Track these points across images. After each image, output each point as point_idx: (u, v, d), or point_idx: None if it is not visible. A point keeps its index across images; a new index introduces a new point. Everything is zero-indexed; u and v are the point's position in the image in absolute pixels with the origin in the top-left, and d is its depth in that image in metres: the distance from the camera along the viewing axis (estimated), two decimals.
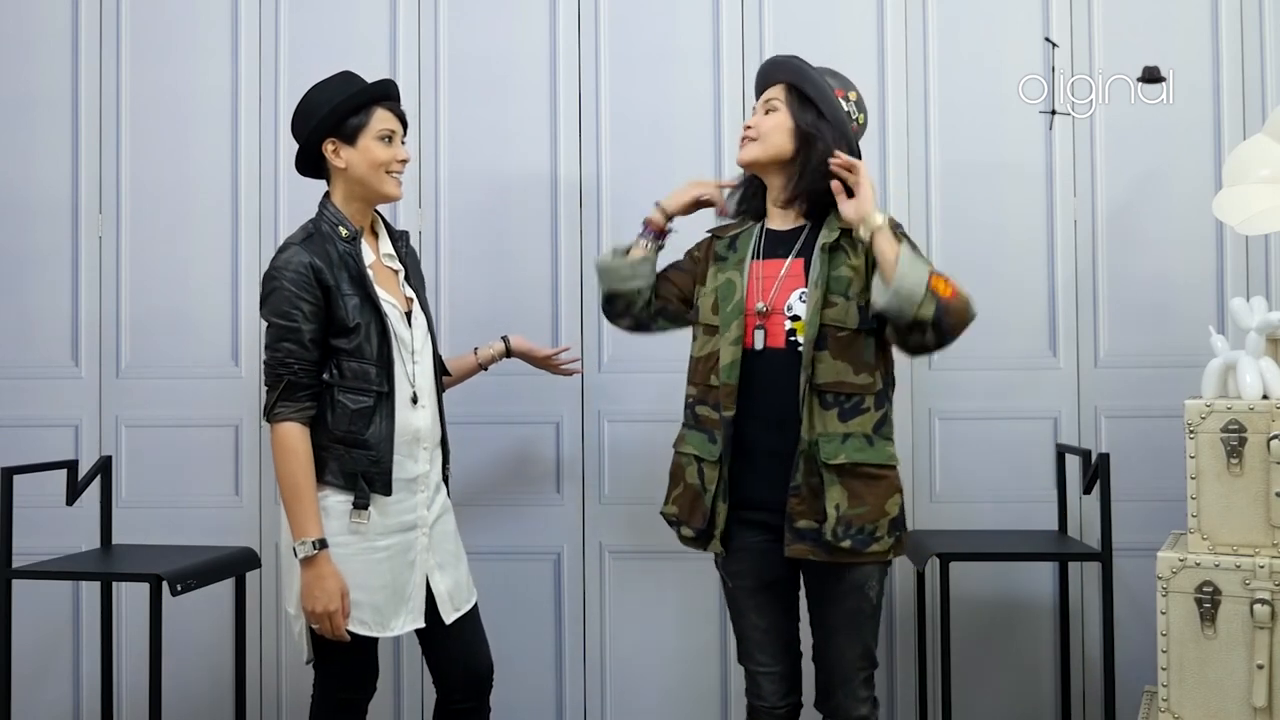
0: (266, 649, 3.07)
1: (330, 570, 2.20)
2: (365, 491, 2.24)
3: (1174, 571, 2.36)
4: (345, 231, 2.29)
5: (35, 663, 3.07)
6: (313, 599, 2.19)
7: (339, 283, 2.24)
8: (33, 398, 3.12)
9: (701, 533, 2.27)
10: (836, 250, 2.22)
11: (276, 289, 2.23)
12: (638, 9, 3.07)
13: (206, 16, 3.13)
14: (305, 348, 2.22)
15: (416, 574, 2.32)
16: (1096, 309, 2.98)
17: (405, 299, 2.37)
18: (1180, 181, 2.96)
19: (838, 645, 2.24)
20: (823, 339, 2.18)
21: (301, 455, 2.21)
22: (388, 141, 2.32)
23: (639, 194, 3.04)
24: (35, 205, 3.14)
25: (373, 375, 2.25)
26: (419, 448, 2.33)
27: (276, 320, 2.23)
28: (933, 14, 3.02)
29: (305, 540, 2.19)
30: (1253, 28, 2.96)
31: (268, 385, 2.25)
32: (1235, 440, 2.33)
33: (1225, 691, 2.30)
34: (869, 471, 2.18)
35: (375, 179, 2.32)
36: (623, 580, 3.05)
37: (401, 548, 2.30)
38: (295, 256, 2.24)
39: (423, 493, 2.34)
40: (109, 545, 2.86)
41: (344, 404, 2.23)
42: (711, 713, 3.04)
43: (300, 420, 2.22)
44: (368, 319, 2.25)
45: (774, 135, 2.27)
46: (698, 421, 2.30)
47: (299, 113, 2.35)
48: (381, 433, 2.25)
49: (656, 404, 2.97)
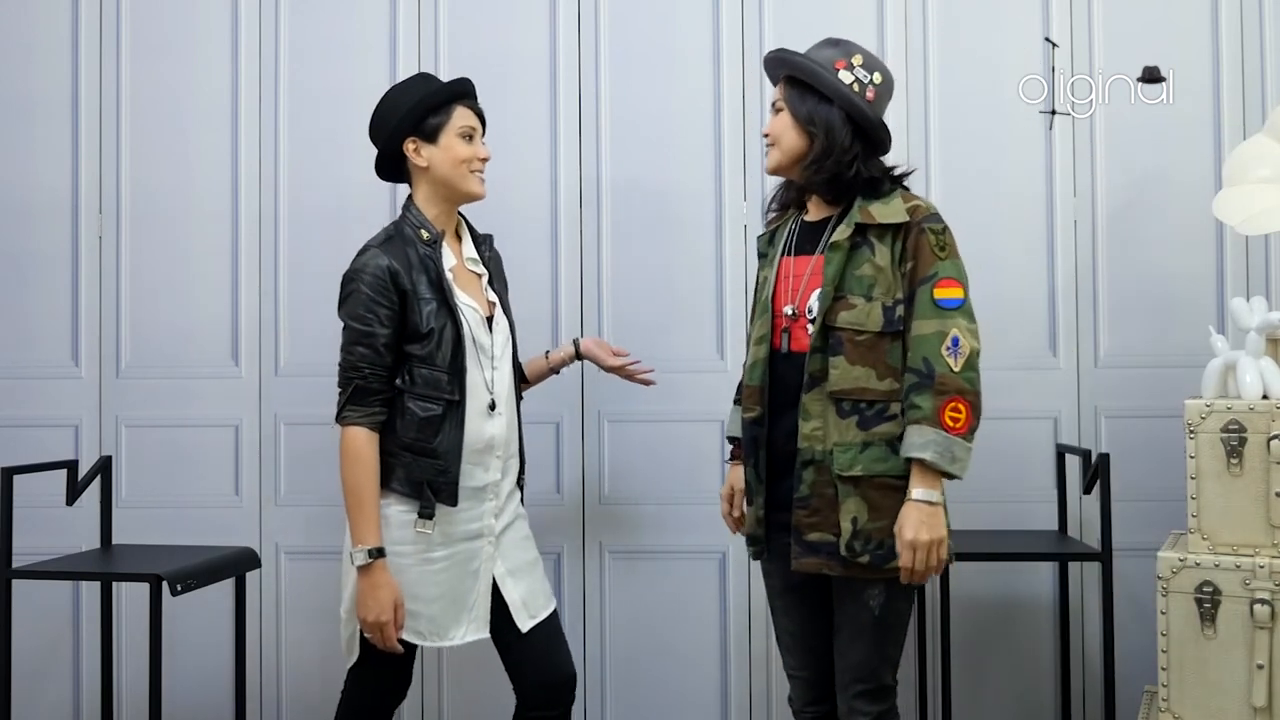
0: (266, 649, 3.08)
1: (385, 580, 2.17)
2: (431, 501, 2.21)
3: (1174, 571, 2.35)
4: (427, 234, 2.27)
5: (35, 663, 3.07)
6: (365, 608, 2.17)
7: (416, 286, 2.22)
8: (33, 398, 3.12)
9: (749, 536, 2.26)
10: (857, 247, 2.12)
11: (354, 292, 2.21)
12: (638, 9, 3.07)
13: (206, 17, 3.13)
14: (379, 352, 2.20)
15: (481, 583, 2.28)
16: (1096, 309, 2.98)
17: (488, 303, 2.34)
18: (1180, 181, 2.96)
19: (839, 648, 2.18)
20: (837, 343, 2.10)
21: (367, 461, 2.19)
22: (469, 139, 2.30)
23: (639, 194, 3.06)
24: (35, 205, 3.14)
25: (444, 383, 2.22)
26: (491, 456, 2.29)
27: (352, 323, 2.21)
28: (933, 14, 3.02)
29: (362, 548, 2.17)
30: (1253, 28, 2.96)
31: (339, 387, 2.23)
32: (1235, 440, 2.33)
33: (1225, 691, 2.30)
34: (888, 482, 2.09)
35: (457, 177, 2.29)
36: (623, 580, 3.05)
37: (464, 557, 2.27)
38: (374, 259, 2.22)
39: (491, 501, 2.30)
40: (109, 545, 2.86)
41: (413, 411, 2.21)
42: (711, 713, 3.04)
43: (368, 425, 2.20)
44: (443, 324, 2.22)
45: (785, 136, 2.20)
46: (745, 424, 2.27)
47: (378, 114, 2.33)
48: (450, 442, 2.22)
49: (656, 404, 2.97)
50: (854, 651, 2.15)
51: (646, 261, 3.04)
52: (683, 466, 3.01)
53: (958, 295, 2.08)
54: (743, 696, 3.02)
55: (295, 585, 3.08)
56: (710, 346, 3.03)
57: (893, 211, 2.13)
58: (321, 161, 3.08)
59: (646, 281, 3.05)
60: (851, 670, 2.15)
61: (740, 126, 3.03)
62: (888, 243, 2.12)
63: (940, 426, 2.02)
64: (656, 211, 3.05)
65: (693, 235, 3.03)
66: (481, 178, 2.33)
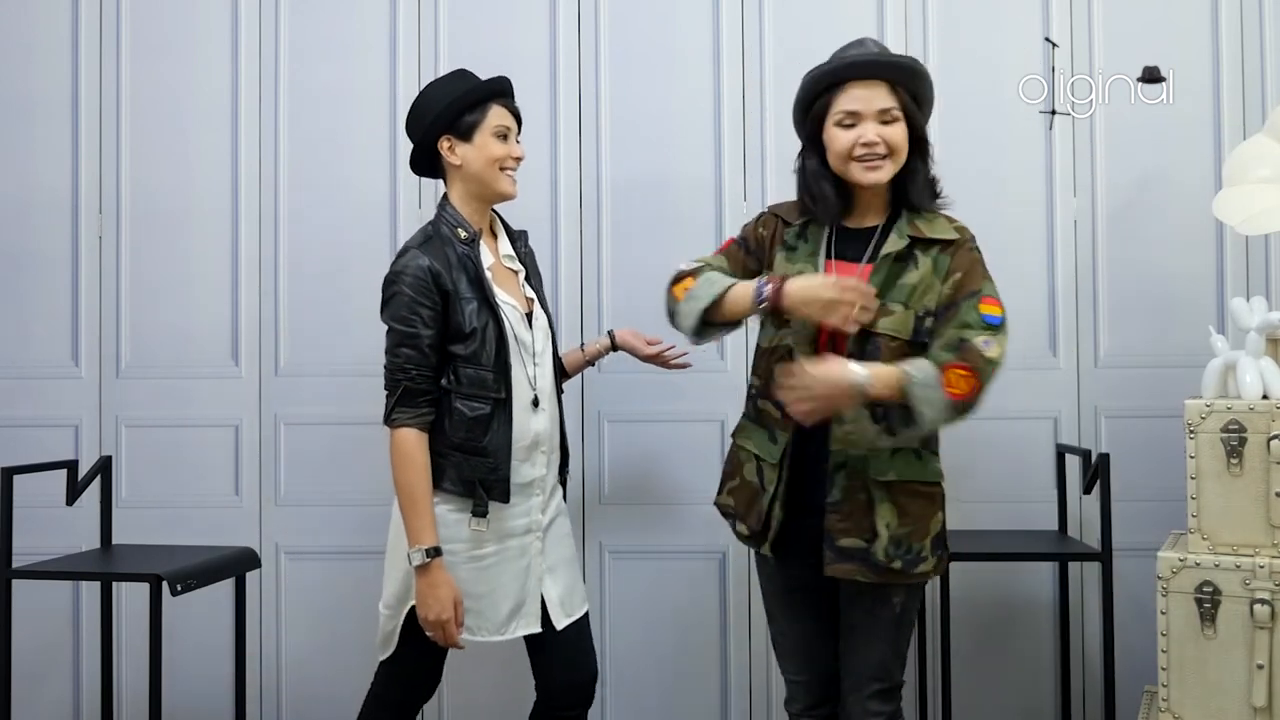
0: (266, 649, 3.07)
1: (444, 579, 2.18)
2: (484, 499, 2.22)
3: (1174, 571, 2.35)
4: (464, 233, 2.27)
5: (35, 663, 3.07)
6: (426, 607, 2.18)
7: (457, 286, 2.21)
8: (33, 398, 3.12)
9: (756, 534, 2.18)
10: (902, 259, 2.10)
11: (397, 294, 2.21)
12: (638, 9, 3.07)
13: (206, 17, 3.13)
14: (424, 354, 2.20)
15: (531, 579, 2.29)
16: (1096, 309, 2.98)
17: (526, 300, 2.35)
18: (1180, 181, 2.96)
19: (852, 648, 2.17)
20: (875, 348, 2.06)
21: (419, 462, 2.20)
22: (503, 138, 2.30)
23: (639, 193, 3.05)
24: (35, 205, 3.14)
25: (490, 381, 2.22)
26: (537, 451, 2.30)
27: (396, 325, 2.21)
28: (933, 14, 3.02)
29: (420, 548, 2.17)
30: (1253, 28, 2.96)
31: (386, 390, 2.24)
32: (1235, 440, 2.33)
33: (1225, 691, 2.30)
34: (916, 489, 2.11)
35: (491, 176, 2.29)
36: (623, 580, 3.05)
37: (515, 552, 2.28)
38: (414, 260, 2.21)
39: (538, 496, 2.31)
40: (109, 545, 2.86)
41: (461, 411, 2.21)
42: (711, 713, 3.04)
43: (418, 426, 2.21)
44: (485, 323, 2.22)
45: (904, 149, 2.11)
46: (759, 416, 2.20)
47: (414, 110, 2.33)
48: (499, 440, 2.23)
49: (656, 404, 2.97)
50: (872, 651, 2.15)
51: (647, 261, 3.03)
52: (683, 466, 3.01)
53: (999, 313, 2.08)
54: (743, 696, 3.02)
55: (295, 585, 3.08)
56: (710, 346, 3.01)
57: (941, 229, 2.14)
58: (321, 161, 3.08)
59: (647, 281, 3.03)
60: (868, 670, 2.15)
61: (740, 126, 3.03)
62: (931, 256, 2.11)
63: (942, 378, 1.99)
64: (657, 211, 3.05)
65: (693, 235, 3.02)
66: (513, 177, 2.33)
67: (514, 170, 2.33)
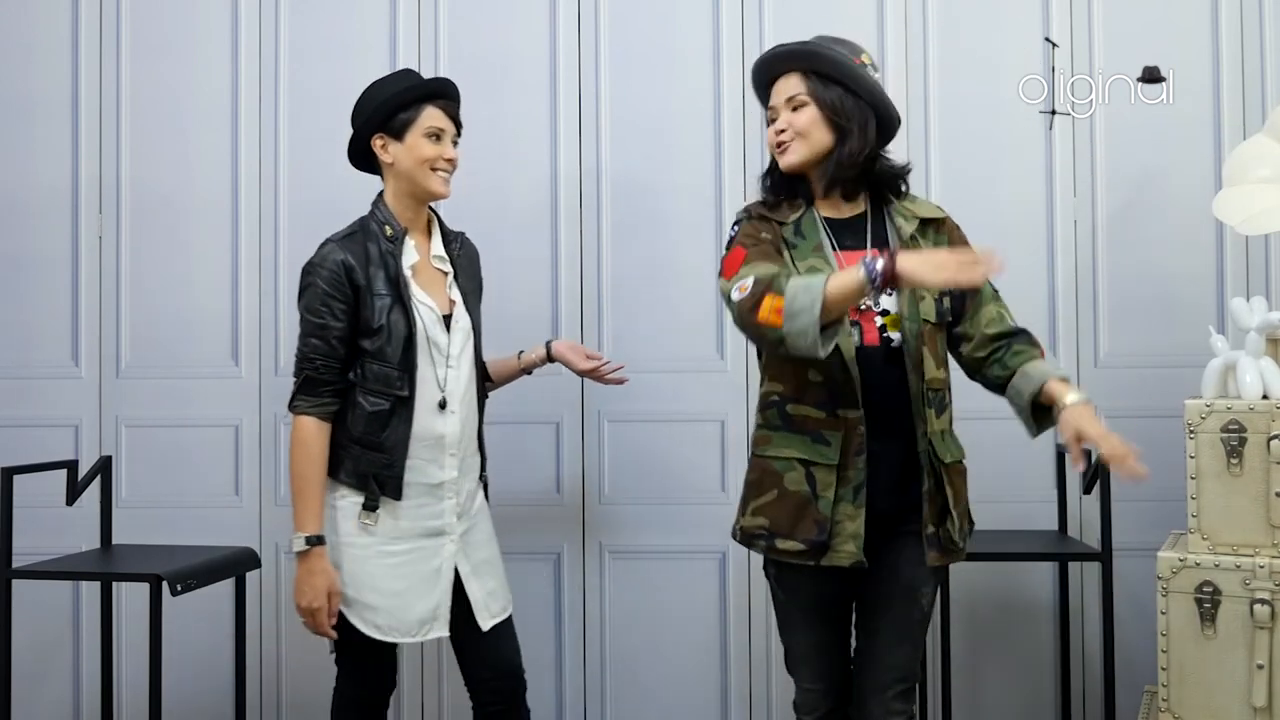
0: (266, 649, 3.07)
1: (321, 567, 2.20)
2: (375, 493, 2.24)
3: (1174, 571, 2.35)
4: (390, 230, 2.29)
5: (35, 663, 3.07)
6: (300, 594, 2.20)
7: (372, 282, 2.23)
8: (33, 398, 3.12)
9: (816, 544, 2.05)
10: (913, 241, 2.12)
11: (311, 285, 2.24)
12: (638, 9, 3.07)
13: (206, 17, 3.13)
14: (331, 345, 2.22)
15: (443, 581, 2.30)
16: (1096, 309, 2.98)
17: (449, 301, 2.35)
18: (1180, 181, 2.96)
19: (877, 650, 2.15)
20: (919, 335, 2.09)
21: (313, 450, 2.22)
22: (436, 139, 2.31)
23: (639, 194, 3.05)
24: (35, 205, 3.14)
25: (394, 379, 2.23)
26: (444, 454, 2.30)
27: (308, 316, 2.24)
28: (933, 14, 3.02)
29: (301, 535, 2.20)
30: (1253, 28, 2.96)
31: (294, 377, 2.26)
32: (1235, 440, 2.33)
33: (1225, 691, 2.30)
34: (960, 468, 2.17)
35: (420, 175, 2.30)
36: (623, 580, 3.05)
37: (425, 554, 2.28)
38: (331, 254, 2.24)
39: (450, 499, 2.31)
40: (109, 545, 2.86)
41: (363, 405, 2.23)
42: (711, 713, 3.04)
43: (318, 415, 2.22)
44: (395, 321, 2.24)
45: (814, 131, 2.12)
46: (789, 422, 2.10)
47: (356, 106, 2.36)
48: (397, 437, 2.24)
49: (656, 404, 2.97)
50: (899, 652, 2.15)
51: (647, 260, 3.04)
52: (683, 466, 3.01)
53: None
54: (743, 696, 3.02)
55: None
56: (710, 346, 3.03)
57: (929, 208, 2.21)
58: (321, 161, 3.07)
59: (646, 280, 3.05)
60: (895, 670, 2.14)
61: (740, 126, 3.03)
62: (930, 237, 2.16)
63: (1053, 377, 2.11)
64: (656, 210, 3.05)
65: (693, 234, 3.02)
66: (445, 178, 2.33)
67: (446, 171, 2.33)
